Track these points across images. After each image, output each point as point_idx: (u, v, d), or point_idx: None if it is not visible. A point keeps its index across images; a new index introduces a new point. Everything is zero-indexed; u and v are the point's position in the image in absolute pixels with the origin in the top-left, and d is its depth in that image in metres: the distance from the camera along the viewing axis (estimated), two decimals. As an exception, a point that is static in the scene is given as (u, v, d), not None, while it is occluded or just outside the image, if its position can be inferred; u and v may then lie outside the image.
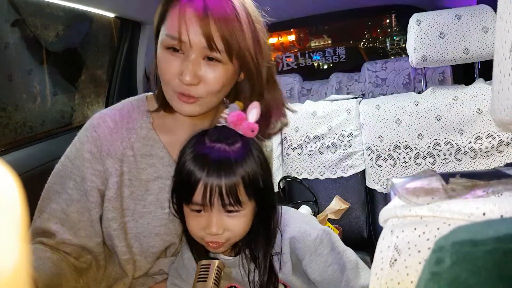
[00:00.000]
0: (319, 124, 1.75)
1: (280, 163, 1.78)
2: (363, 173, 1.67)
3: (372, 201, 1.65)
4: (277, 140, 1.80)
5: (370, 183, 1.64)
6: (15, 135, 1.63)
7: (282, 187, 1.76)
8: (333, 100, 1.82)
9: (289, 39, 4.87)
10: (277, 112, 0.97)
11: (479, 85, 1.57)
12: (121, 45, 1.89)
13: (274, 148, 1.76)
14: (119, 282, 0.98)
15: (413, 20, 1.56)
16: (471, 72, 1.79)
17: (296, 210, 1.00)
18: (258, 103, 0.84)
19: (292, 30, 4.76)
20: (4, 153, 1.25)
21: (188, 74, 0.80)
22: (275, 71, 0.97)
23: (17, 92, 1.69)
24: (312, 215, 1.61)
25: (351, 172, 1.68)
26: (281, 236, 0.86)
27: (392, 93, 2.46)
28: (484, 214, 0.34)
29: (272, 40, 4.56)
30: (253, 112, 0.83)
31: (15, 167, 0.26)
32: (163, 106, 0.93)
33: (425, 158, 1.58)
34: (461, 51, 1.48)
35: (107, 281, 0.98)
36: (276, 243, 0.86)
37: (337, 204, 1.64)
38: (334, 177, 1.70)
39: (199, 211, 0.79)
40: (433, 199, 0.39)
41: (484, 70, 1.71)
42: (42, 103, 1.83)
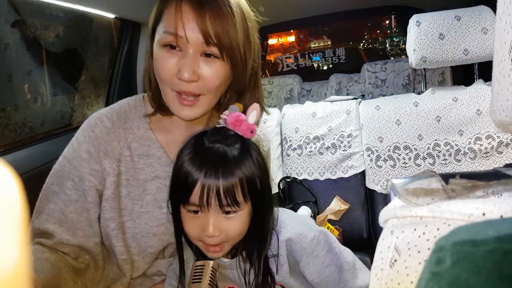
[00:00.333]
0: (319, 125, 1.75)
1: (280, 164, 1.78)
2: (363, 173, 1.67)
3: (372, 202, 1.65)
4: (277, 140, 1.80)
5: (370, 184, 1.64)
6: (15, 136, 1.63)
7: (282, 187, 1.77)
8: (333, 101, 1.82)
9: (289, 40, 4.87)
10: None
11: (479, 86, 1.57)
12: (121, 45, 1.89)
13: (274, 148, 1.76)
14: (117, 283, 0.98)
15: (412, 21, 1.56)
16: (470, 73, 1.80)
17: (293, 211, 0.99)
18: (257, 104, 0.84)
19: (292, 31, 4.76)
20: (4, 154, 1.25)
21: (186, 71, 0.81)
22: (259, 74, 0.98)
23: (17, 92, 1.69)
24: (312, 216, 1.61)
25: (351, 172, 1.68)
26: (278, 238, 0.86)
27: (391, 94, 2.46)
28: (484, 214, 0.34)
29: (272, 41, 4.56)
30: (253, 114, 0.83)
31: (15, 168, 0.26)
32: (159, 109, 0.93)
33: (424, 159, 1.58)
34: (461, 52, 1.49)
35: (105, 282, 0.98)
36: (272, 245, 0.85)
37: (337, 205, 1.64)
38: (334, 177, 1.70)
39: (196, 212, 0.79)
40: (433, 199, 0.39)
41: (483, 71, 1.71)
42: (42, 103, 1.83)
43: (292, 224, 0.89)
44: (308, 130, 1.76)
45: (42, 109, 1.83)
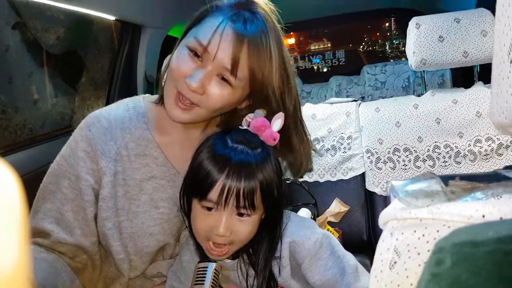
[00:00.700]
0: (319, 126, 1.75)
1: (279, 166, 1.78)
2: (362, 175, 1.67)
3: (371, 204, 1.65)
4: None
5: (369, 186, 1.64)
6: (15, 137, 1.63)
7: (281, 189, 1.76)
8: (332, 103, 1.82)
9: (289, 42, 4.87)
10: (306, 160, 1.00)
11: (479, 88, 1.57)
12: (121, 48, 1.89)
13: (273, 150, 1.76)
14: (115, 283, 0.98)
15: (412, 23, 1.56)
16: (470, 75, 1.80)
17: (296, 213, 0.99)
18: (283, 113, 0.85)
19: (291, 33, 4.77)
20: (4, 155, 1.25)
21: (196, 81, 0.81)
22: (301, 117, 0.99)
23: (17, 94, 1.69)
24: (311, 218, 1.61)
25: (351, 174, 1.68)
26: (281, 240, 0.86)
27: (391, 96, 2.47)
28: (483, 216, 0.34)
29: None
30: (277, 122, 0.84)
31: (15, 169, 0.26)
32: (161, 102, 0.93)
33: (424, 161, 1.58)
34: (460, 54, 1.49)
35: (104, 282, 0.98)
36: (276, 247, 0.86)
37: (336, 207, 1.64)
38: (334, 179, 1.70)
39: (210, 209, 0.79)
40: (432, 201, 0.39)
41: (483, 73, 1.71)
42: (42, 105, 1.83)
43: (295, 226, 0.89)
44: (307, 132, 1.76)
45: (42, 111, 1.83)
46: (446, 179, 0.41)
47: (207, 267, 0.80)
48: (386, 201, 1.60)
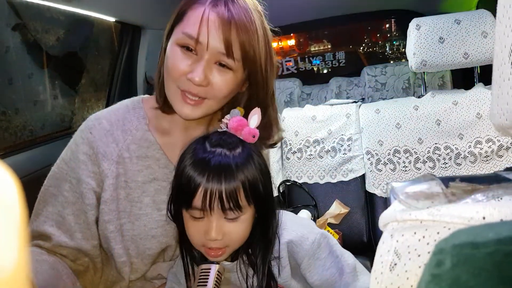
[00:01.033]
0: (319, 128, 1.75)
1: (279, 167, 1.78)
2: (363, 177, 1.67)
3: (372, 206, 1.65)
4: (277, 144, 1.80)
5: (370, 188, 1.64)
6: (15, 139, 1.63)
7: (281, 191, 1.76)
8: (332, 105, 1.82)
9: (289, 43, 4.87)
10: (276, 125, 0.99)
11: (479, 90, 1.57)
12: (121, 49, 1.89)
13: (273, 152, 1.76)
14: (116, 286, 0.98)
15: (412, 24, 1.56)
16: (470, 76, 1.80)
17: (294, 214, 0.99)
18: (259, 109, 0.84)
19: (292, 34, 4.77)
20: (4, 157, 1.25)
21: (199, 75, 0.81)
22: (274, 84, 0.99)
23: (18, 95, 1.70)
24: (311, 220, 1.61)
25: (351, 176, 1.68)
26: (279, 241, 0.86)
27: (391, 98, 2.47)
28: (484, 218, 0.34)
29: (272, 44, 4.57)
30: (254, 118, 0.83)
31: (15, 171, 0.26)
32: (165, 106, 0.93)
33: (425, 162, 1.58)
34: (461, 55, 1.49)
35: (105, 284, 0.97)
36: (274, 248, 0.86)
37: (337, 209, 1.64)
38: (334, 181, 1.70)
39: (199, 217, 0.79)
40: (433, 203, 0.39)
41: (483, 74, 1.71)
42: (42, 106, 1.84)
43: (293, 227, 0.89)
44: (308, 133, 1.76)
45: (42, 112, 1.83)
46: (446, 181, 0.41)
47: (210, 269, 0.80)
48: (386, 202, 1.60)
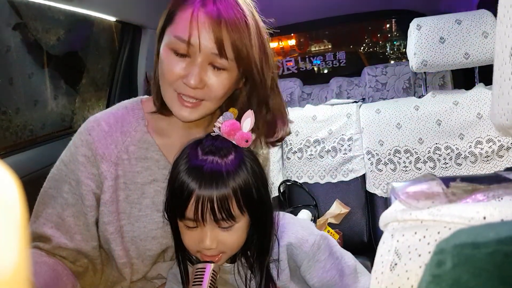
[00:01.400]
0: (320, 128, 1.75)
1: (280, 167, 1.78)
2: (363, 177, 1.67)
3: (372, 206, 1.65)
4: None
5: (370, 188, 1.64)
6: (15, 138, 1.63)
7: (282, 191, 1.76)
8: (333, 104, 1.82)
9: (289, 43, 4.88)
10: (281, 120, 0.98)
11: (479, 90, 1.57)
12: (122, 48, 1.89)
13: (274, 152, 1.76)
14: (117, 286, 0.98)
15: (413, 25, 1.56)
16: (471, 76, 1.80)
17: (293, 215, 0.99)
18: (252, 111, 0.83)
19: (292, 34, 4.77)
20: (4, 156, 1.25)
21: (194, 78, 0.80)
22: (277, 79, 0.98)
23: (18, 95, 1.70)
24: (312, 220, 1.61)
25: (352, 176, 1.68)
26: (278, 243, 0.86)
27: (392, 98, 2.47)
28: (484, 218, 0.34)
29: (273, 45, 4.57)
30: (247, 122, 0.81)
31: (15, 170, 0.26)
32: (162, 108, 0.92)
33: (425, 162, 1.58)
34: (461, 56, 1.49)
35: (105, 285, 0.97)
36: (273, 250, 0.85)
37: (337, 208, 1.63)
38: (335, 181, 1.70)
39: (192, 226, 0.79)
40: (433, 203, 0.39)
41: (484, 74, 1.71)
42: (43, 106, 1.84)
43: (293, 229, 0.88)
44: (308, 133, 1.76)
45: (43, 112, 1.83)
46: (447, 181, 0.41)
47: (205, 268, 0.80)
48: (386, 202, 1.60)
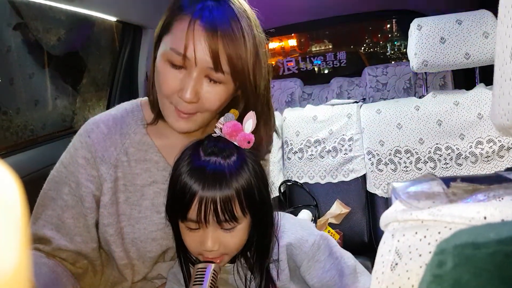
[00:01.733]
0: (320, 128, 1.75)
1: (280, 167, 1.78)
2: (364, 177, 1.67)
3: (373, 206, 1.65)
4: (278, 144, 1.80)
5: (371, 188, 1.64)
6: (16, 138, 1.63)
7: (282, 191, 1.76)
8: (334, 105, 1.82)
9: (290, 43, 4.88)
10: (267, 138, 0.96)
11: (480, 90, 1.57)
12: (122, 49, 1.89)
13: (274, 152, 1.76)
14: (117, 287, 0.98)
15: (414, 25, 1.56)
16: (471, 77, 1.80)
17: (293, 215, 0.99)
18: (253, 113, 0.82)
19: (293, 34, 4.77)
20: (5, 156, 1.25)
21: (189, 92, 0.79)
22: (270, 96, 0.96)
23: (19, 95, 1.70)
24: (312, 220, 1.61)
25: (352, 176, 1.68)
26: (278, 243, 0.86)
27: (393, 98, 2.47)
28: (485, 218, 0.34)
29: (273, 45, 4.57)
30: (249, 123, 0.81)
31: (16, 170, 0.26)
32: (159, 116, 0.92)
33: (426, 162, 1.58)
34: (462, 56, 1.49)
35: (105, 286, 0.97)
36: (273, 251, 0.85)
37: (337, 209, 1.63)
38: (335, 181, 1.70)
39: (194, 228, 0.78)
40: (434, 203, 0.39)
41: (485, 75, 1.71)
42: (43, 106, 1.84)
43: (292, 229, 0.88)
44: (309, 133, 1.76)
45: (44, 112, 1.83)
46: (447, 181, 0.41)
47: (206, 268, 0.80)
48: (387, 202, 1.60)
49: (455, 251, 0.28)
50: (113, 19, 1.67)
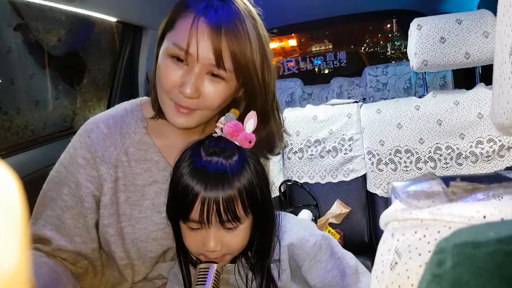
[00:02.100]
0: (320, 128, 1.75)
1: (281, 167, 1.78)
2: (364, 177, 1.67)
3: (373, 206, 1.65)
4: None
5: (371, 188, 1.64)
6: (17, 139, 1.63)
7: (283, 191, 1.76)
8: (334, 104, 1.82)
9: (290, 43, 4.88)
10: (279, 137, 0.98)
11: (480, 90, 1.57)
12: (122, 49, 1.89)
13: (275, 152, 1.76)
14: (118, 287, 0.98)
15: (413, 24, 1.56)
16: (472, 76, 1.80)
17: (294, 215, 0.99)
18: (254, 112, 0.83)
19: (293, 34, 4.77)
20: (5, 156, 1.25)
21: (189, 87, 0.79)
22: (275, 91, 0.97)
23: (19, 96, 1.70)
24: (313, 219, 1.61)
25: (352, 176, 1.68)
26: (279, 243, 0.85)
27: (393, 98, 2.47)
28: (484, 217, 0.34)
29: (273, 45, 4.58)
30: (250, 122, 0.81)
31: (16, 170, 0.26)
32: (160, 113, 0.92)
33: (426, 162, 1.58)
34: (462, 55, 1.49)
35: (105, 286, 0.97)
36: (274, 251, 0.85)
37: (338, 208, 1.63)
38: (335, 181, 1.70)
39: (196, 228, 0.78)
40: (433, 202, 0.39)
41: (485, 74, 1.71)
42: (44, 106, 1.84)
43: (294, 229, 0.88)
44: (309, 133, 1.76)
45: (44, 112, 1.83)
46: (447, 180, 0.41)
47: (208, 268, 0.80)
48: (387, 202, 1.60)
49: (454, 250, 0.28)
50: (113, 19, 1.67)
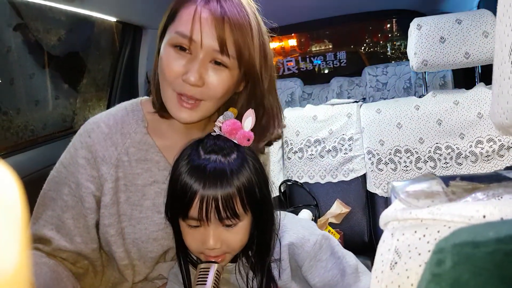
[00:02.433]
0: (320, 128, 1.75)
1: (281, 167, 1.78)
2: (364, 177, 1.67)
3: (373, 205, 1.65)
4: (278, 144, 1.80)
5: (371, 187, 1.64)
6: (16, 139, 1.63)
7: (283, 191, 1.76)
8: (334, 104, 1.82)
9: (290, 43, 4.88)
10: (273, 121, 0.98)
11: (480, 89, 1.57)
12: (122, 49, 1.89)
13: (274, 152, 1.76)
14: (118, 287, 0.98)
15: (413, 24, 1.56)
16: (471, 76, 1.80)
17: (295, 215, 0.99)
18: (252, 110, 0.83)
19: (293, 34, 4.77)
20: (5, 157, 1.25)
21: (193, 75, 0.79)
22: (275, 82, 0.98)
23: (19, 96, 1.70)
24: (313, 219, 1.61)
25: (352, 176, 1.68)
26: (280, 243, 0.86)
27: (393, 97, 2.47)
28: (484, 216, 0.34)
29: (273, 45, 4.58)
30: (248, 121, 0.81)
31: (16, 170, 0.26)
32: (161, 110, 0.92)
33: (426, 162, 1.58)
34: (462, 55, 1.49)
35: (106, 287, 0.97)
36: (274, 250, 0.85)
37: (338, 208, 1.63)
38: (335, 181, 1.70)
39: (196, 226, 0.78)
40: (433, 202, 0.39)
41: (485, 74, 1.71)
42: (44, 106, 1.84)
43: (294, 228, 0.88)
44: (309, 133, 1.76)
45: (44, 112, 1.83)
46: (447, 180, 0.41)
47: (209, 268, 0.80)
48: (387, 202, 1.60)
49: (454, 250, 0.28)
50: (113, 19, 1.67)
